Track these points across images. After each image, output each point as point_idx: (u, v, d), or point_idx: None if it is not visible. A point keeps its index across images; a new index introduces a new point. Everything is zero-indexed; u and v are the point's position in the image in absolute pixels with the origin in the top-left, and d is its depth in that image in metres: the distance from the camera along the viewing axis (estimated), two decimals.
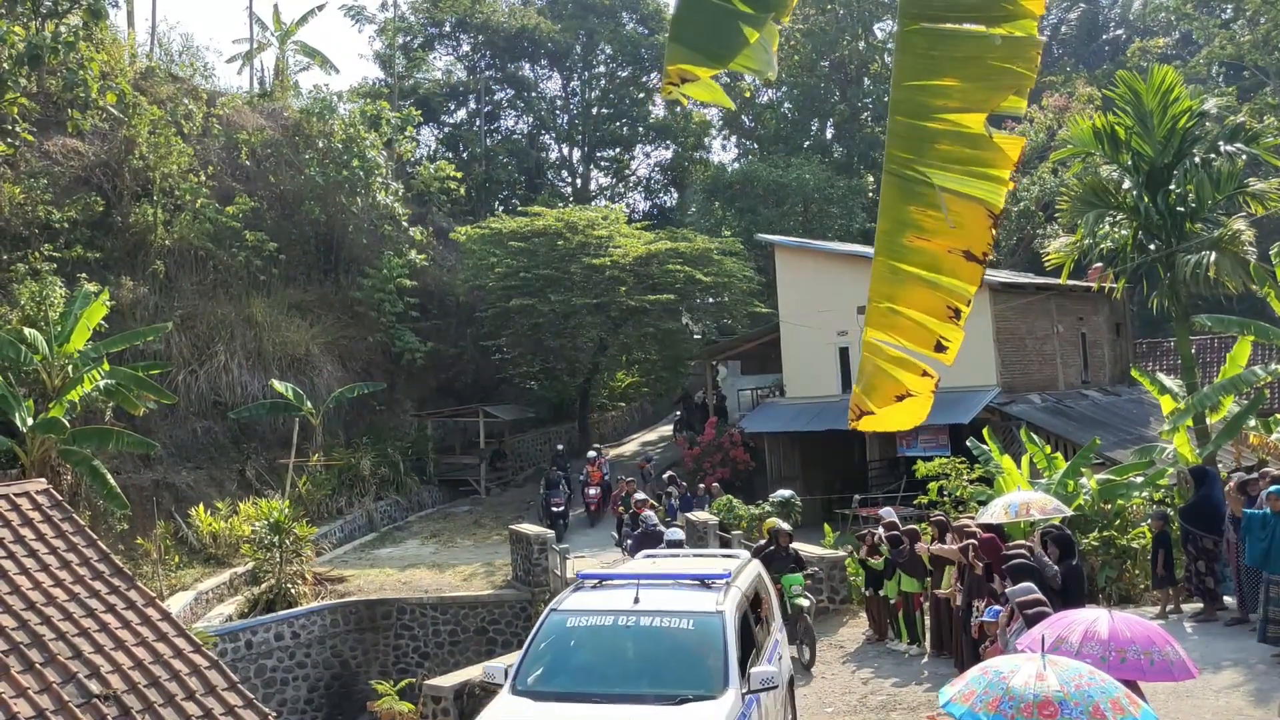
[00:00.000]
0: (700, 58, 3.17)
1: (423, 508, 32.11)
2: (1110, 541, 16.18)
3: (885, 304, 3.12)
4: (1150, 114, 19.65)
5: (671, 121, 54.81)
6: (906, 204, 3.07)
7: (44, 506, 11.14)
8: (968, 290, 3.04)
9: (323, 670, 21.19)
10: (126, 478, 24.52)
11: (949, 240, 3.02)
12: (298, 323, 32.60)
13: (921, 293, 3.08)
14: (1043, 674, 5.16)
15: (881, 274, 3.12)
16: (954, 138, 3.01)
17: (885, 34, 52.22)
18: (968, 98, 2.98)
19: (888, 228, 3.13)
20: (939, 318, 3.04)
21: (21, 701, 8.60)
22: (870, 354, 3.20)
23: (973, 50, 2.96)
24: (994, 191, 3.00)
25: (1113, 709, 5.01)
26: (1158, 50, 48.07)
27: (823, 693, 13.46)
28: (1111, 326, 31.71)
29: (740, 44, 3.19)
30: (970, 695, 5.23)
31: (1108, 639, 6.46)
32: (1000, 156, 3.00)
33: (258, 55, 47.69)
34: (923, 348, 3.09)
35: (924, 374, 3.12)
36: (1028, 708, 4.97)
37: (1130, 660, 6.39)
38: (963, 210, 3.01)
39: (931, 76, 3.01)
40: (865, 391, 3.20)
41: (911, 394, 3.11)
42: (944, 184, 3.01)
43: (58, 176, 29.89)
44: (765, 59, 3.28)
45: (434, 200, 41.95)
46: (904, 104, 3.07)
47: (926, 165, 3.03)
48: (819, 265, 30.61)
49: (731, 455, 30.56)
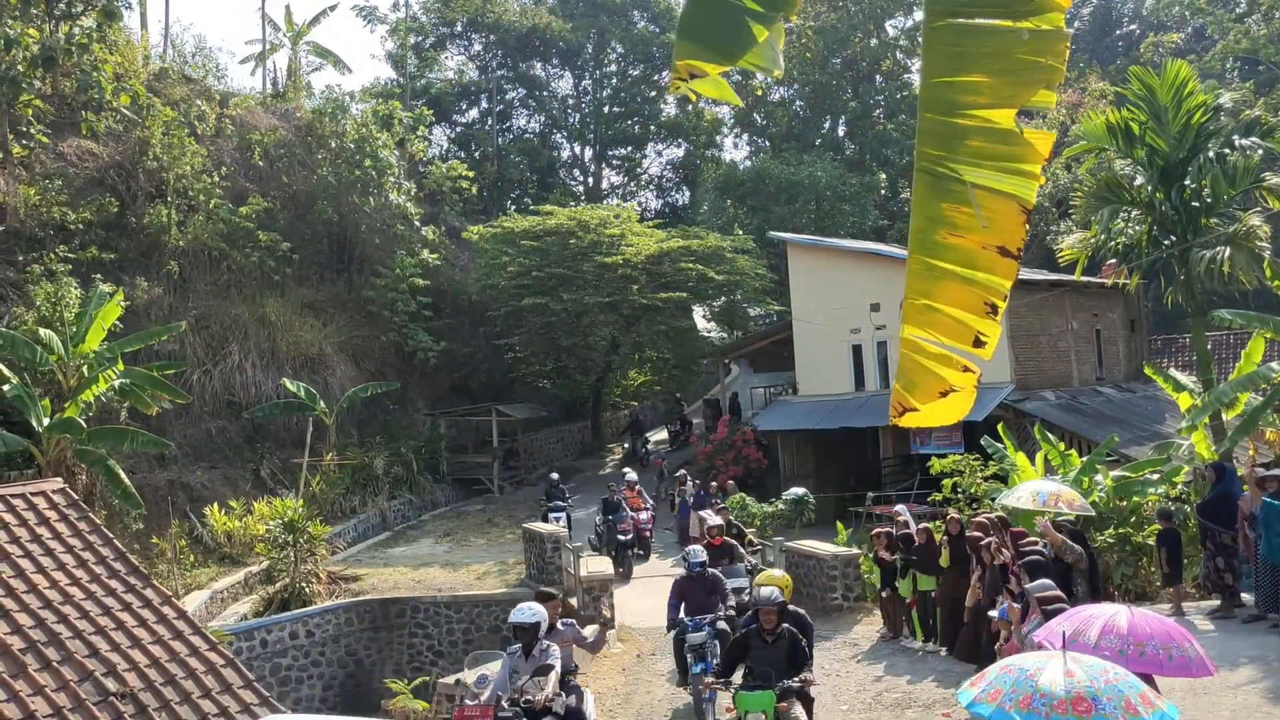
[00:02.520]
0: (709, 54, 3.17)
1: (436, 507, 32.17)
2: (1126, 538, 16.10)
3: (922, 300, 3.11)
4: (1165, 109, 19.57)
5: (683, 120, 54.79)
6: (939, 201, 3.06)
7: (60, 506, 11.19)
8: (1003, 285, 3.03)
9: (337, 669, 21.24)
10: (141, 477, 24.62)
11: (983, 236, 3.01)
12: (311, 322, 32.68)
13: (958, 289, 3.07)
14: (1071, 670, 5.11)
15: (917, 271, 3.12)
16: (984, 134, 2.99)
17: (897, 31, 52.12)
18: (997, 93, 2.96)
19: (921, 225, 3.12)
20: (976, 314, 3.03)
21: (39, 699, 8.64)
22: (909, 350, 3.19)
23: (1000, 45, 2.95)
24: (1026, 187, 2.99)
25: (1142, 703, 4.98)
26: (1171, 45, 47.85)
27: (837, 690, 13.43)
28: (1126, 323, 31.55)
29: (749, 41, 3.19)
30: (997, 694, 5.18)
31: (1127, 633, 6.41)
32: (1031, 151, 2.99)
33: (270, 56, 47.90)
34: (961, 343, 3.08)
35: (965, 369, 3.11)
36: (1061, 704, 4.92)
37: (1149, 655, 6.34)
38: (995, 206, 3.00)
39: (960, 72, 3.00)
40: (907, 388, 3.19)
41: (955, 389, 3.11)
42: (975, 180, 3.00)
43: (72, 178, 30.04)
44: (772, 56, 3.28)
45: (446, 200, 42.01)
46: (933, 101, 3.06)
47: (957, 162, 3.02)
48: (832, 263, 30.54)
49: (744, 453, 30.52)
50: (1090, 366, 29.48)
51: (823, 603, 17.51)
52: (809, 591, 18.05)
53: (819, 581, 17.81)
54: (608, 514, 23.13)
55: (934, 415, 3.20)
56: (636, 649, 16.87)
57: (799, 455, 29.99)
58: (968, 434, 24.71)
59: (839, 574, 17.53)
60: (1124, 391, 29.26)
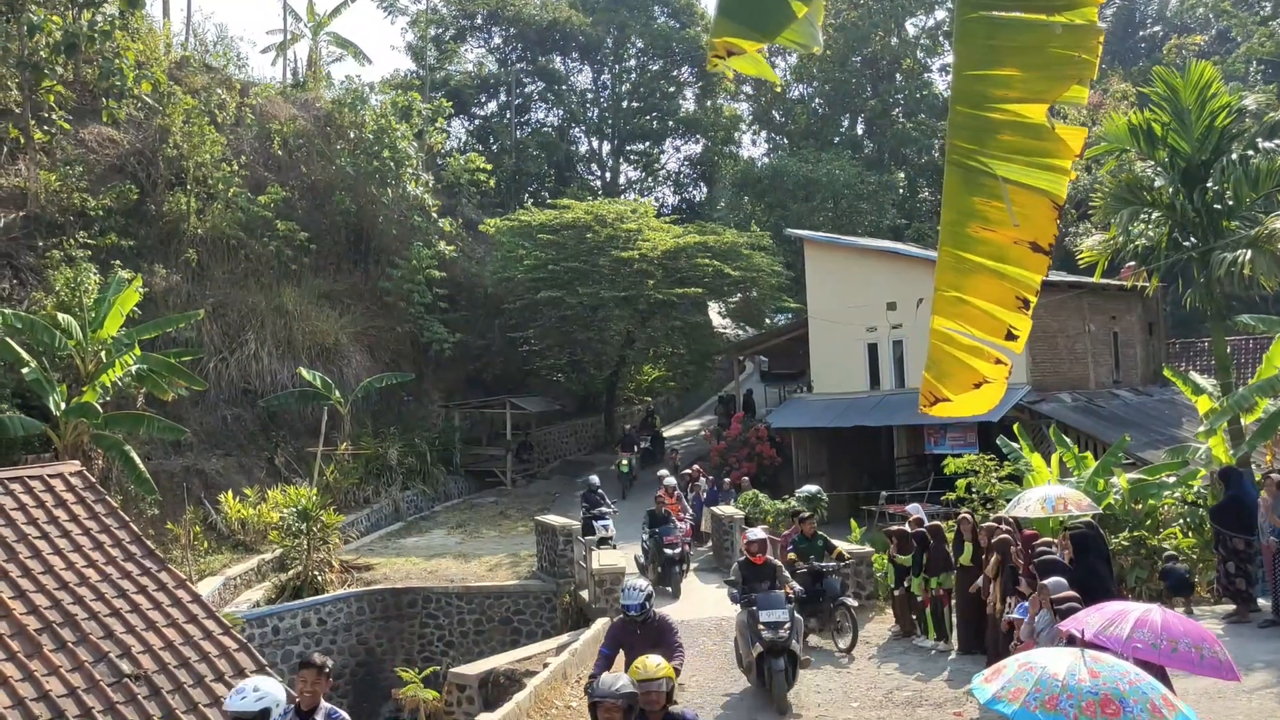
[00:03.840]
0: (747, 31, 3.16)
1: (449, 498, 32.26)
2: (1141, 541, 16.03)
3: (953, 293, 3.10)
4: (1187, 110, 19.43)
5: (701, 116, 54.73)
6: (970, 195, 3.05)
7: (77, 488, 11.27)
8: (1034, 280, 3.02)
9: (348, 657, 21.32)
10: (157, 463, 24.75)
11: (1014, 231, 3.00)
12: (327, 312, 32.78)
13: (989, 283, 3.06)
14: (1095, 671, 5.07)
15: (948, 264, 3.11)
16: (1016, 128, 2.98)
17: (918, 30, 51.92)
18: (1029, 88, 2.95)
19: (952, 218, 3.11)
20: (1008, 307, 3.03)
21: (54, 679, 8.71)
22: (940, 342, 3.18)
23: (1033, 39, 2.93)
24: (1057, 182, 2.98)
25: (1165, 705, 4.96)
26: (1195, 47, 47.51)
27: (848, 687, 13.42)
28: (1144, 326, 31.38)
29: (788, 18, 3.18)
30: (1019, 693, 5.12)
31: (1160, 628, 6.37)
32: (1062, 147, 2.97)
33: (291, 46, 48.04)
34: (993, 336, 3.08)
35: (997, 361, 3.11)
36: (1090, 705, 4.88)
37: (1182, 652, 6.30)
38: (1026, 201, 2.98)
39: (992, 66, 2.98)
40: (938, 379, 3.18)
41: (987, 381, 3.10)
42: (1007, 175, 2.99)
43: (93, 165, 30.20)
44: (811, 33, 3.28)
45: (464, 192, 42.08)
46: (965, 94, 3.05)
47: (989, 156, 3.01)
48: (849, 261, 30.47)
49: (758, 450, 30.50)
50: (1107, 369, 29.35)
51: None
52: None
53: None
54: (654, 527, 20.74)
55: (966, 406, 3.20)
56: None
57: (813, 453, 29.96)
58: (982, 434, 24.65)
59: (852, 572, 17.49)
60: (1141, 395, 29.12)
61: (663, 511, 21.07)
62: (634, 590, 10.29)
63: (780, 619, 12.46)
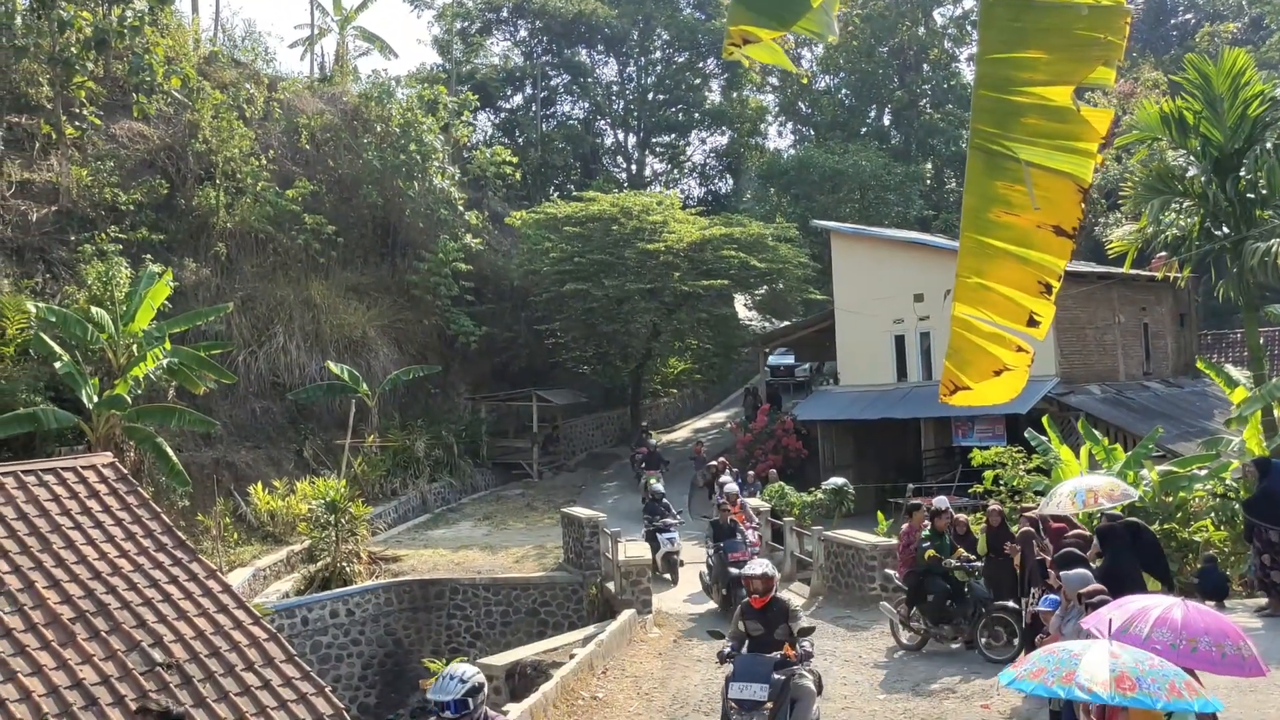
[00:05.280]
0: (764, 19, 3.15)
1: (476, 490, 32.40)
2: (1172, 534, 15.88)
3: (974, 279, 3.08)
4: (1220, 98, 19.19)
5: (727, 107, 54.55)
6: (993, 179, 3.03)
7: (110, 480, 11.39)
8: (1058, 265, 2.99)
9: (376, 648, 21.47)
10: (187, 455, 24.97)
11: (1037, 215, 2.97)
12: (355, 305, 32.98)
13: (1011, 268, 3.03)
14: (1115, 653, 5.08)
15: (969, 249, 3.08)
16: (1040, 111, 2.95)
17: (945, 19, 51.54)
18: (1054, 70, 2.91)
19: (974, 203, 3.08)
20: (1030, 293, 3.00)
21: (88, 667, 8.82)
22: (961, 329, 3.16)
23: (1058, 21, 2.90)
24: (1082, 165, 2.94)
25: (1187, 689, 4.94)
26: (1228, 35, 46.87)
27: (874, 679, 13.39)
28: (1175, 317, 31.03)
29: (804, 6, 3.17)
30: (1040, 672, 5.17)
31: (1180, 627, 6.30)
32: (1088, 130, 2.94)
33: (318, 40, 48.30)
34: (1015, 323, 3.05)
35: (1018, 349, 3.08)
36: (1104, 682, 4.89)
37: (1201, 651, 6.23)
38: (1050, 185, 2.95)
39: (1017, 49, 2.95)
40: (959, 366, 3.16)
41: (1008, 368, 3.08)
42: (1031, 158, 2.96)
43: (124, 159, 30.49)
44: (826, 22, 3.27)
45: (489, 185, 42.17)
46: (989, 78, 3.02)
47: (1012, 140, 2.98)
48: (876, 252, 30.31)
49: (784, 443, 30.43)
50: (1137, 361, 29.05)
51: (861, 593, 17.47)
52: (847, 581, 18.02)
53: (857, 572, 17.76)
54: (718, 540, 18.04)
55: (987, 394, 3.16)
56: (674, 634, 16.91)
57: (839, 445, 29.85)
58: (1010, 427, 24.46)
59: (877, 564, 17.45)
60: (1171, 387, 28.80)
61: (729, 522, 18.36)
62: (451, 682, 6.44)
63: (755, 697, 9.51)
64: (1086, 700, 5.10)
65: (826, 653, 14.70)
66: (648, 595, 17.92)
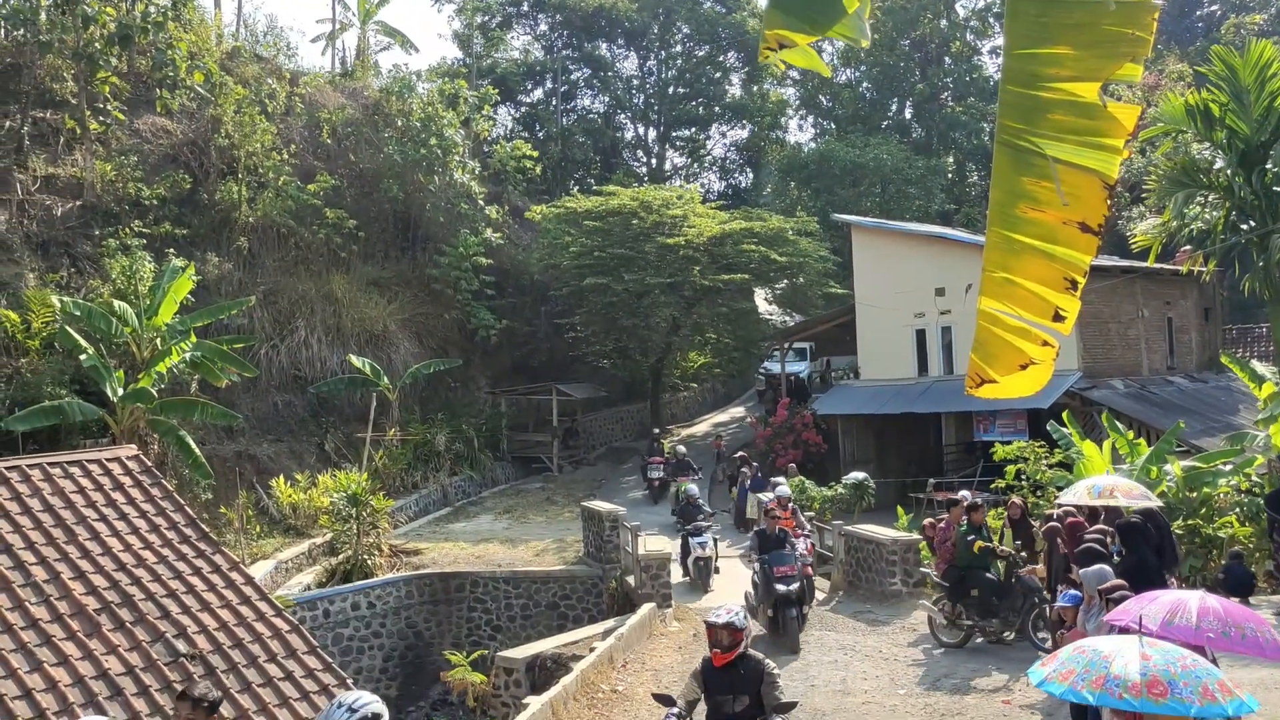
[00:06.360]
0: (799, 24, 3.17)
1: (496, 484, 32.51)
2: (1195, 530, 15.77)
3: (1000, 274, 3.08)
4: (1246, 90, 19.04)
5: (748, 101, 54.43)
6: (1019, 175, 3.03)
7: (134, 472, 11.47)
8: (1083, 261, 2.99)
9: (397, 640, 21.59)
10: (210, 448, 25.14)
11: (1064, 211, 2.97)
12: (376, 299, 33.10)
13: (1037, 263, 3.04)
14: (1147, 654, 5.03)
15: (995, 244, 3.09)
16: (1067, 107, 2.94)
17: (967, 11, 51.21)
18: (1081, 65, 2.90)
19: (1001, 198, 3.09)
20: (1056, 289, 3.01)
21: (112, 658, 8.91)
22: (987, 323, 3.17)
23: (1085, 16, 2.89)
24: (1108, 162, 2.94)
25: (1221, 691, 4.89)
26: (1254, 27, 46.37)
27: (895, 675, 13.37)
28: (1200, 311, 30.78)
29: (839, 12, 3.19)
30: (1069, 674, 5.11)
31: (1225, 616, 6.28)
32: (1115, 126, 2.93)
33: (340, 35, 48.44)
34: (1040, 318, 3.06)
35: (1044, 343, 3.09)
36: (1135, 687, 4.84)
37: (1250, 637, 6.20)
38: (1077, 181, 2.95)
39: (1043, 44, 2.95)
40: (985, 360, 3.17)
41: (1034, 362, 3.09)
42: (1057, 154, 2.95)
43: (147, 154, 30.69)
44: (860, 27, 3.29)
45: (510, 179, 42.22)
46: (1015, 73, 3.02)
47: (1039, 136, 2.98)
48: (897, 246, 30.20)
49: (804, 437, 30.37)
50: (1161, 355, 28.85)
51: (881, 588, 17.42)
52: (868, 576, 17.97)
53: (878, 566, 17.70)
54: (764, 551, 15.56)
55: (1012, 387, 3.17)
56: (693, 628, 16.91)
57: (859, 440, 29.78)
58: (1032, 421, 24.36)
59: (898, 559, 17.39)
60: (1196, 381, 28.59)
61: (777, 532, 15.75)
62: (339, 710, 4.70)
63: None
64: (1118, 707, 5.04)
65: (847, 647, 14.69)
66: (668, 589, 17.92)
